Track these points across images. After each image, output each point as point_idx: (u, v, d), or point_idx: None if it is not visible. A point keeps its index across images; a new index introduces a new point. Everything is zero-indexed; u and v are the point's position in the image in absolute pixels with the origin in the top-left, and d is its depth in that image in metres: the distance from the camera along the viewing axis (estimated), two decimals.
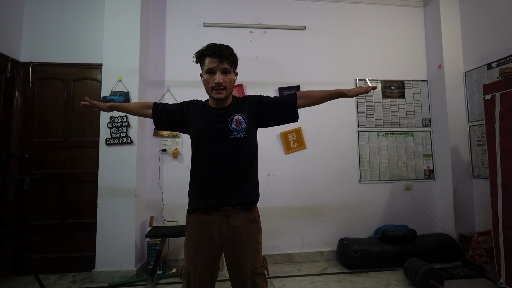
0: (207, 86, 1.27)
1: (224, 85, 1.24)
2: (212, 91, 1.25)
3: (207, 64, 1.24)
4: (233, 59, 1.27)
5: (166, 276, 2.56)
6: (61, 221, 2.70)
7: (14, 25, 2.69)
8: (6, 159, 2.59)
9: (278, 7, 3.18)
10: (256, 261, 1.26)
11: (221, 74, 1.23)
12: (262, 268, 1.27)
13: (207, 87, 1.28)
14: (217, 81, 1.23)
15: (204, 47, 1.26)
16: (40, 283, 2.01)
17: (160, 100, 2.94)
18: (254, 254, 1.27)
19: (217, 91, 1.25)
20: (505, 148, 2.14)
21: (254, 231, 1.29)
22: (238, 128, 1.27)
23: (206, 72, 1.25)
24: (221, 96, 1.25)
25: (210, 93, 1.27)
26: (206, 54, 1.24)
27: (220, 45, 1.25)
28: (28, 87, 2.73)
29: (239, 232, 1.26)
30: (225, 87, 1.25)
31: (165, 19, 3.04)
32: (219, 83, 1.23)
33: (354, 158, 3.15)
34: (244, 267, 1.24)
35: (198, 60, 1.29)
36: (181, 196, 2.88)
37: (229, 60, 1.24)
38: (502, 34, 2.66)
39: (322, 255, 2.99)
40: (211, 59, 1.23)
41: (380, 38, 3.30)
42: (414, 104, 3.29)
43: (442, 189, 3.13)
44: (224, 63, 1.23)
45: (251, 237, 1.28)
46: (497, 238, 2.19)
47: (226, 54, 1.23)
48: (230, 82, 1.28)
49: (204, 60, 1.25)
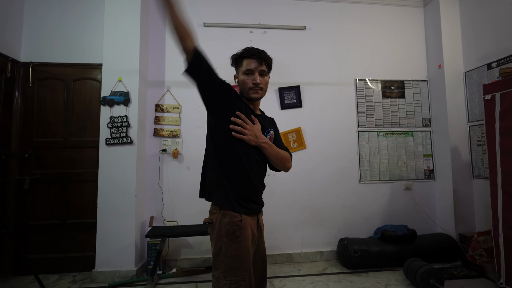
0: (243, 86, 1.30)
1: (261, 86, 1.29)
2: (249, 91, 1.28)
3: (245, 66, 1.28)
4: (269, 61, 1.33)
5: (166, 276, 2.56)
6: (61, 221, 2.70)
7: (14, 25, 2.69)
8: (6, 159, 2.59)
9: (278, 7, 3.18)
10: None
11: (259, 75, 1.28)
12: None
13: (243, 88, 1.30)
14: (255, 82, 1.27)
15: (241, 50, 1.31)
16: (40, 283, 2.01)
17: (160, 100, 2.95)
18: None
19: (254, 91, 1.28)
20: (505, 148, 2.14)
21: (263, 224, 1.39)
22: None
23: (244, 73, 1.29)
24: (257, 96, 1.30)
25: (247, 93, 1.29)
26: (245, 56, 1.29)
27: (257, 48, 1.31)
28: (28, 87, 2.73)
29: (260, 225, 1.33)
30: (261, 88, 1.30)
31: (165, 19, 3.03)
32: (257, 83, 1.27)
33: (354, 158, 3.15)
34: (264, 256, 1.34)
35: (234, 62, 1.34)
36: (181, 196, 2.88)
37: (267, 62, 1.30)
38: (502, 34, 2.66)
39: (322, 255, 2.99)
40: (250, 60, 1.27)
41: (380, 38, 3.30)
42: (414, 104, 3.29)
43: (442, 189, 3.13)
44: (263, 65, 1.28)
45: (263, 228, 1.37)
46: (497, 238, 2.19)
47: (264, 56, 1.29)
48: (266, 84, 1.33)
49: (242, 62, 1.30)
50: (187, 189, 2.87)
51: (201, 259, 2.83)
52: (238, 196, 1.20)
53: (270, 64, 1.34)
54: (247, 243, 1.17)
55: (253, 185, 1.25)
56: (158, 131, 2.91)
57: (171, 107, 2.95)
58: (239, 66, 1.32)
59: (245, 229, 1.18)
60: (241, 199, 1.21)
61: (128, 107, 2.65)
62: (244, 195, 1.22)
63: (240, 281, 1.11)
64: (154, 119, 2.92)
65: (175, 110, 2.95)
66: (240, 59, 1.31)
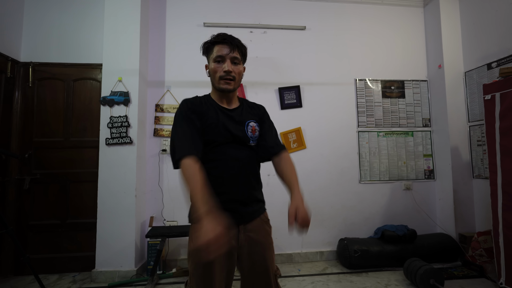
0: (213, 76, 1.17)
1: (233, 75, 1.15)
2: (220, 81, 1.15)
3: (216, 52, 1.15)
4: (243, 49, 1.20)
5: (166, 276, 2.56)
6: (61, 221, 2.70)
7: (14, 25, 2.69)
8: (6, 159, 2.59)
9: (278, 7, 3.18)
10: (274, 263, 1.21)
11: (230, 63, 1.15)
12: (278, 270, 1.22)
13: (213, 77, 1.18)
14: (226, 69, 1.13)
15: (213, 35, 1.18)
16: (40, 283, 2.01)
17: (160, 100, 2.95)
18: (272, 256, 1.19)
19: (225, 81, 1.15)
20: (505, 148, 2.14)
21: (269, 232, 1.23)
22: (253, 136, 1.20)
23: (214, 61, 1.16)
24: (229, 87, 1.16)
25: (218, 84, 1.16)
26: (216, 41, 1.16)
27: (230, 34, 1.19)
28: (28, 87, 2.73)
29: (257, 234, 1.16)
30: (234, 78, 1.16)
31: (165, 19, 3.04)
32: (228, 71, 1.13)
33: (354, 158, 3.15)
34: (270, 269, 1.16)
35: (205, 50, 1.21)
36: (181, 196, 2.87)
37: (240, 50, 1.17)
38: (502, 34, 2.66)
39: (322, 255, 2.99)
40: (220, 46, 1.15)
41: (380, 38, 3.30)
42: (414, 104, 3.29)
43: (442, 189, 3.13)
44: (235, 51, 1.15)
45: (268, 238, 1.20)
46: (497, 238, 2.19)
47: (237, 43, 1.17)
48: (239, 74, 1.19)
49: (213, 49, 1.17)
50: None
51: None
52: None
53: (244, 52, 1.20)
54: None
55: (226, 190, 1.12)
56: (158, 131, 2.91)
57: (171, 107, 2.95)
58: (209, 53, 1.19)
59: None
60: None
61: (128, 107, 2.65)
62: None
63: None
64: (154, 119, 2.92)
65: (175, 110, 2.94)
66: (211, 45, 1.17)
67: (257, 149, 1.23)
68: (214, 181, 1.09)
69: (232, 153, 1.14)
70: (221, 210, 1.00)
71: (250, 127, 1.20)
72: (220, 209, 0.97)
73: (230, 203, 1.12)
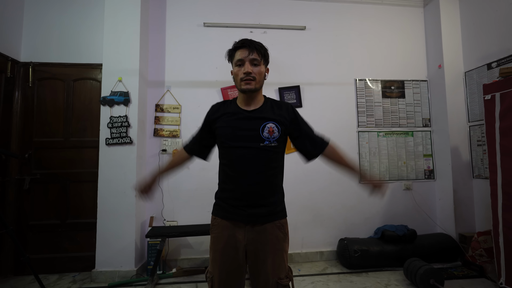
0: (236, 79, 1.23)
1: (253, 75, 1.18)
2: (241, 82, 1.20)
3: (237, 57, 1.21)
4: (263, 51, 1.24)
5: (166, 276, 2.55)
6: (61, 221, 2.70)
7: (14, 25, 2.69)
8: (6, 159, 2.59)
9: (278, 7, 3.18)
10: (281, 271, 1.18)
11: (250, 65, 1.19)
12: (287, 279, 1.18)
13: (236, 81, 1.23)
14: (245, 71, 1.17)
15: (235, 42, 1.25)
16: (40, 283, 2.01)
17: (160, 100, 2.95)
18: (279, 263, 1.19)
19: (246, 82, 1.18)
20: (505, 148, 2.14)
21: (281, 238, 1.22)
22: (270, 137, 1.20)
23: (236, 65, 1.22)
24: (250, 87, 1.19)
25: (240, 86, 1.21)
26: (237, 46, 1.22)
27: (250, 39, 1.25)
28: (28, 87, 2.73)
29: (265, 237, 1.19)
30: (254, 78, 1.19)
31: (165, 19, 3.04)
32: (247, 72, 1.17)
33: (354, 158, 3.14)
34: (269, 275, 1.17)
35: (229, 57, 1.27)
36: (181, 196, 2.88)
37: (259, 51, 1.21)
38: (502, 34, 2.66)
39: (322, 255, 2.98)
40: (241, 51, 1.20)
41: (380, 38, 3.30)
42: (414, 104, 3.29)
43: (442, 189, 3.13)
44: (253, 53, 1.19)
45: (278, 244, 1.20)
46: (497, 238, 2.19)
47: (256, 45, 1.21)
48: (260, 74, 1.22)
49: (234, 55, 1.23)
50: (187, 189, 2.87)
51: (201, 259, 2.83)
52: (218, 198, 1.29)
53: (265, 54, 1.25)
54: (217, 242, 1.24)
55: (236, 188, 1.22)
56: (158, 131, 2.91)
57: (171, 107, 2.95)
58: (232, 59, 1.25)
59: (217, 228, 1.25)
60: (222, 200, 1.27)
61: (128, 107, 2.65)
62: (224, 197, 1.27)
63: (210, 274, 1.23)
64: (154, 119, 2.92)
65: (175, 110, 2.95)
66: (233, 51, 1.24)
67: (300, 152, 1.34)
68: (225, 178, 1.25)
69: (239, 154, 1.20)
70: (228, 206, 1.22)
71: (267, 128, 1.20)
72: (227, 205, 1.22)
73: (236, 200, 1.21)
